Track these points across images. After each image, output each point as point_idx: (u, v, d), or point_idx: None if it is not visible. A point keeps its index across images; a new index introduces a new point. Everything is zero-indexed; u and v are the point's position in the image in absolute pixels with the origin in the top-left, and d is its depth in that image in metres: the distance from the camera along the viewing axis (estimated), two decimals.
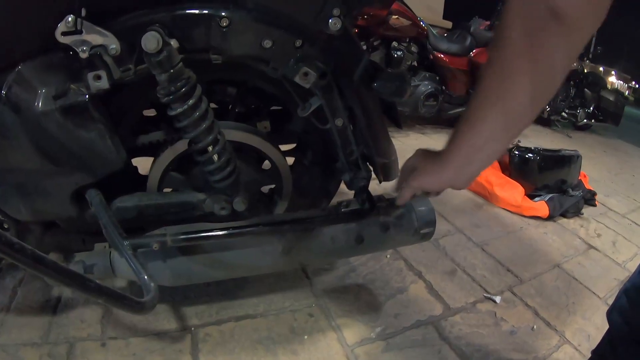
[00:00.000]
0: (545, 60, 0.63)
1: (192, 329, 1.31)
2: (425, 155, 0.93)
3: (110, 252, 1.06)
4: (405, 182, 0.97)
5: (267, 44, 0.94)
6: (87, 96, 0.89)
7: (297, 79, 0.98)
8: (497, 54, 0.67)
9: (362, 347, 1.34)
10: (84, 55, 0.84)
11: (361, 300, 1.55)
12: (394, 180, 1.14)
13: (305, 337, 1.34)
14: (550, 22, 0.58)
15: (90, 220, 1.08)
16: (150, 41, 0.82)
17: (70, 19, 0.81)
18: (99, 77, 0.87)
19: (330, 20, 0.95)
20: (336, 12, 0.95)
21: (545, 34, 0.59)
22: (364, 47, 3.27)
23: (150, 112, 1.30)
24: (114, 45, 0.85)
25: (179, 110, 0.93)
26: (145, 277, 0.92)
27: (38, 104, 0.87)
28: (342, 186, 1.31)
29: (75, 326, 1.27)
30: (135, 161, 1.26)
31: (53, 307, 1.32)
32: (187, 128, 0.97)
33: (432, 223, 1.25)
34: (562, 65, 0.64)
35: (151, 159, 1.21)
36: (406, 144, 3.41)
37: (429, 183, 0.91)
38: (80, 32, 0.82)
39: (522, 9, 0.60)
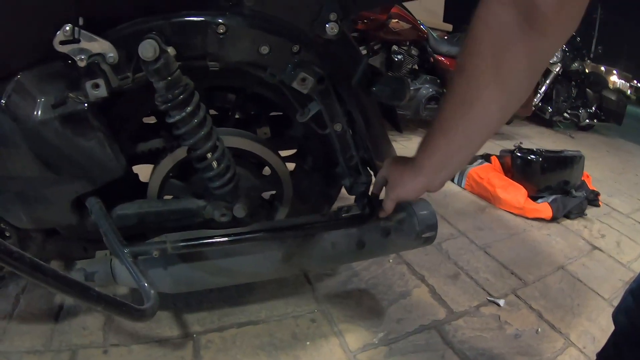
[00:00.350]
0: (512, 69, 0.63)
1: (194, 335, 1.31)
2: (395, 165, 0.95)
3: (111, 260, 1.06)
4: (385, 194, 1.00)
5: (264, 50, 0.94)
6: (85, 105, 0.89)
7: (295, 85, 0.98)
8: (465, 62, 0.67)
9: (364, 353, 1.34)
10: (82, 64, 0.84)
11: (363, 305, 1.55)
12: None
13: (308, 343, 1.34)
14: (519, 30, 0.58)
15: (91, 228, 1.08)
16: (147, 49, 0.82)
17: (68, 28, 0.81)
18: (97, 86, 0.87)
19: (327, 25, 0.95)
20: (333, 16, 0.95)
21: (513, 43, 0.59)
22: (364, 52, 3.28)
23: (150, 120, 1.30)
24: (111, 53, 0.86)
25: (177, 117, 0.93)
26: (146, 284, 0.93)
27: (37, 112, 0.87)
28: (344, 191, 1.31)
29: (78, 333, 1.27)
30: (136, 168, 1.27)
31: (55, 314, 1.32)
32: (186, 135, 0.97)
33: (433, 227, 1.25)
34: (530, 73, 0.64)
35: (152, 166, 1.21)
36: (408, 147, 3.38)
37: (405, 192, 0.93)
38: (78, 41, 0.83)
39: (490, 18, 0.60)
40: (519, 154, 2.85)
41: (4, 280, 1.41)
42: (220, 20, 0.90)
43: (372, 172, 1.23)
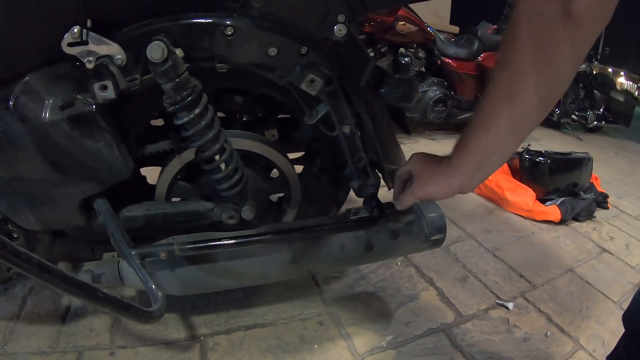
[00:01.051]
0: (553, 61, 0.63)
1: (201, 338, 1.31)
2: (425, 162, 0.92)
3: (119, 262, 1.06)
4: (408, 191, 0.96)
5: (273, 51, 0.94)
6: (93, 106, 0.89)
7: (303, 86, 0.97)
8: (505, 56, 0.67)
9: (372, 356, 1.33)
10: (90, 66, 0.84)
11: (372, 308, 1.54)
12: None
13: (315, 345, 1.33)
14: (559, 22, 0.58)
15: (99, 230, 1.08)
16: (155, 51, 0.82)
17: (75, 30, 0.81)
18: (105, 87, 0.87)
19: (335, 27, 0.94)
20: (341, 18, 0.94)
21: (554, 34, 0.60)
22: (371, 54, 3.27)
23: (158, 122, 1.31)
24: (119, 55, 0.85)
25: (185, 119, 0.93)
26: (153, 286, 0.92)
27: (45, 114, 0.87)
28: (352, 193, 1.31)
29: (84, 335, 1.27)
30: (144, 171, 1.27)
31: (62, 316, 1.33)
32: (194, 137, 0.96)
33: (442, 229, 1.24)
34: (570, 65, 0.64)
35: (160, 168, 1.21)
36: (416, 150, 3.27)
37: (437, 192, 0.89)
38: (86, 43, 0.83)
39: (531, 11, 0.61)
40: (527, 156, 2.84)
41: (11, 281, 1.41)
42: (228, 22, 0.89)
43: (380, 174, 1.22)
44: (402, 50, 3.72)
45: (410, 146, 3.39)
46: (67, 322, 1.31)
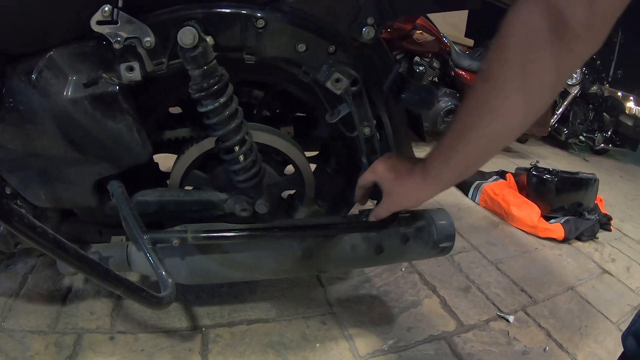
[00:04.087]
0: (538, 78, 0.62)
1: (203, 329, 1.30)
2: (394, 174, 0.91)
3: (128, 246, 1.05)
4: (382, 207, 0.97)
5: (301, 47, 0.94)
6: (117, 87, 0.88)
7: (328, 85, 0.98)
8: (491, 69, 0.66)
9: (374, 359, 1.32)
10: (117, 46, 0.84)
11: (375, 311, 1.54)
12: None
13: (317, 344, 1.33)
14: (548, 40, 0.58)
15: (110, 212, 1.08)
16: (187, 36, 0.83)
17: (107, 8, 0.81)
18: (131, 69, 0.87)
19: (364, 29, 0.96)
20: (370, 20, 0.95)
21: (541, 51, 0.59)
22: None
23: (175, 110, 1.30)
24: (148, 37, 0.85)
25: (210, 107, 0.93)
26: (163, 272, 0.91)
27: (68, 90, 0.86)
28: None
29: (85, 317, 1.26)
30: (156, 158, 1.26)
31: (63, 296, 1.32)
32: (216, 126, 0.96)
33: (451, 237, 1.24)
34: (554, 84, 0.64)
35: (171, 157, 1.20)
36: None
37: (411, 203, 0.91)
38: (116, 23, 0.83)
39: (522, 26, 0.60)
40: (534, 173, 2.84)
41: (12, 258, 1.41)
42: (259, 14, 0.90)
43: None
44: (417, 58, 3.72)
45: (417, 155, 3.35)
46: (67, 303, 1.30)
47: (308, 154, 1.36)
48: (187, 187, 1.21)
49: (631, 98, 6.43)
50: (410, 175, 0.86)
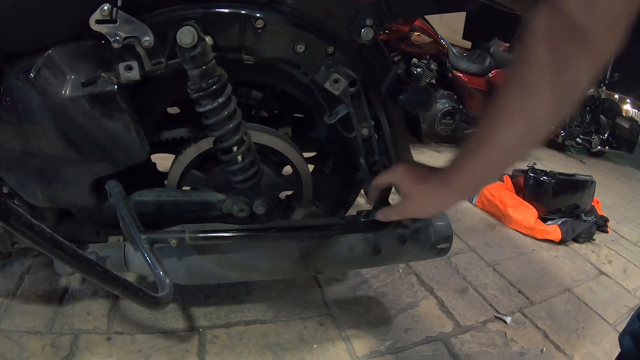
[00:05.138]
0: (570, 78, 0.62)
1: (200, 330, 1.30)
2: (413, 179, 0.86)
3: (125, 246, 1.04)
4: (395, 209, 0.92)
5: (300, 48, 0.94)
6: (115, 86, 0.88)
7: (327, 85, 0.98)
8: (520, 72, 0.66)
9: None
10: (116, 45, 0.84)
11: (372, 312, 1.54)
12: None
13: (315, 345, 1.33)
14: (576, 41, 0.58)
15: (107, 212, 1.07)
16: (186, 35, 0.82)
17: (106, 7, 0.81)
18: (130, 68, 0.87)
19: (362, 30, 0.96)
20: (369, 22, 0.96)
21: (571, 52, 0.59)
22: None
23: (173, 110, 1.30)
24: (147, 37, 0.85)
25: (208, 107, 0.92)
26: (161, 272, 0.91)
27: (66, 89, 0.86)
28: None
29: (81, 318, 1.26)
30: (154, 158, 1.26)
31: (60, 297, 1.32)
32: (214, 126, 0.96)
33: (449, 238, 1.24)
34: (585, 83, 0.64)
35: (168, 158, 1.20)
36: (421, 161, 3.29)
37: (425, 209, 0.86)
38: (115, 22, 0.82)
39: (548, 29, 0.60)
40: (531, 175, 2.85)
41: (9, 258, 1.40)
42: (259, 15, 0.90)
43: None
44: (414, 60, 3.72)
45: (415, 157, 3.36)
46: (64, 304, 1.30)
47: (306, 154, 1.36)
48: (184, 188, 1.20)
49: (628, 100, 6.43)
50: (428, 180, 0.82)
